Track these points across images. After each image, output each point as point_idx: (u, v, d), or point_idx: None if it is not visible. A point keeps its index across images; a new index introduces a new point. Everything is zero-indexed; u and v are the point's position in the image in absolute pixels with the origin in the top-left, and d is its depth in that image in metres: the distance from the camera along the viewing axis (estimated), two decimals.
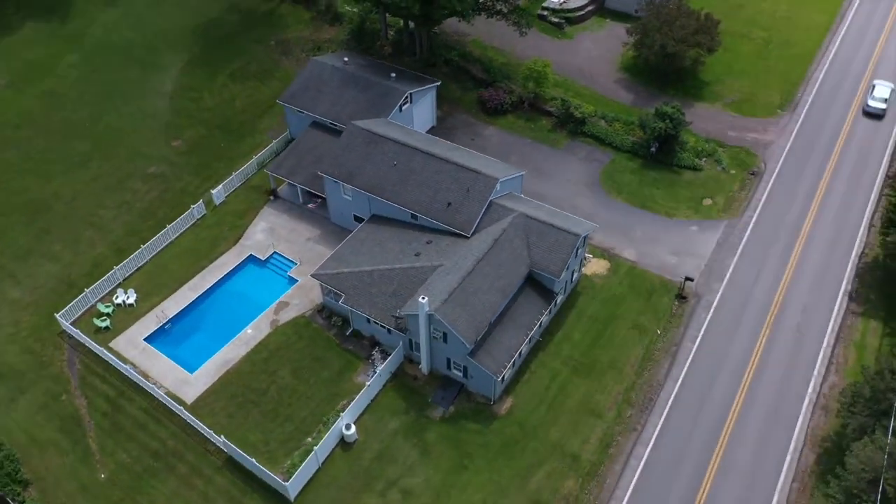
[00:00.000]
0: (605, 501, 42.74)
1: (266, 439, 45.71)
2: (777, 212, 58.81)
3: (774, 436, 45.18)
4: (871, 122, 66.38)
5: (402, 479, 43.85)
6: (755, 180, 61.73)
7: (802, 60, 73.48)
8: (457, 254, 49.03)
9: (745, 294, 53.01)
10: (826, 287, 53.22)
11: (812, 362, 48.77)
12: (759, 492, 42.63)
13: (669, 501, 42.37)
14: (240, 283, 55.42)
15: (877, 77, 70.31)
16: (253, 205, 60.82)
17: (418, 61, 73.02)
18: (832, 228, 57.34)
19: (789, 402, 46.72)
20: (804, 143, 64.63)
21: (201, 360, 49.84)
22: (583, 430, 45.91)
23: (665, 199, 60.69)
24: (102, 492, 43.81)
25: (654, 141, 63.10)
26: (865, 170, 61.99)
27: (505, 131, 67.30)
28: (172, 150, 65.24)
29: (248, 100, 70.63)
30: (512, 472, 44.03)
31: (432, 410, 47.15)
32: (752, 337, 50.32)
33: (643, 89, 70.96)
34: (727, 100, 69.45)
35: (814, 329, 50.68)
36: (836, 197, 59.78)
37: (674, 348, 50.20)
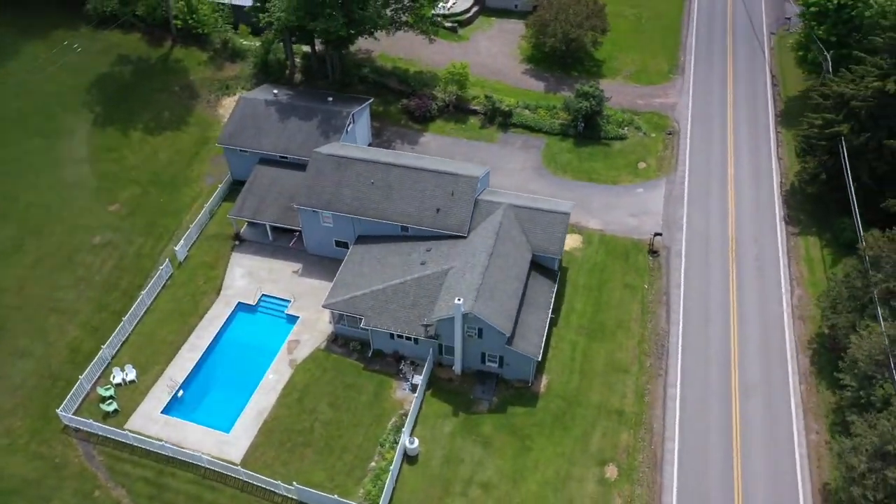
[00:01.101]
0: (658, 444, 46.86)
1: (330, 475, 45.25)
2: (702, 162, 66.07)
3: (772, 352, 51.51)
4: (750, 62, 76.12)
5: (476, 475, 45.38)
6: (674, 139, 68.87)
7: (673, 29, 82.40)
8: (462, 254, 51.02)
9: (704, 238, 59.47)
10: (764, 217, 60.94)
11: (777, 282, 55.96)
12: (777, 400, 48.62)
13: (711, 426, 47.23)
14: (238, 333, 53.74)
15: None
16: (219, 253, 58.87)
17: (333, 84, 73.52)
18: (750, 167, 65.46)
19: (773, 320, 53.38)
20: (702, 98, 72.86)
21: (233, 417, 48.09)
22: (616, 387, 49.80)
23: (606, 170, 66.18)
24: None
25: (580, 120, 68.49)
26: (757, 112, 71.08)
27: (439, 135, 69.80)
28: (112, 215, 61.34)
29: (171, 150, 67.73)
30: (571, 441, 47.00)
31: (478, 405, 48.93)
32: (723, 273, 56.71)
33: (549, 75, 76.35)
34: (625, 73, 76.64)
35: (768, 255, 58.00)
36: (743, 139, 68.05)
37: (664, 297, 55.49)
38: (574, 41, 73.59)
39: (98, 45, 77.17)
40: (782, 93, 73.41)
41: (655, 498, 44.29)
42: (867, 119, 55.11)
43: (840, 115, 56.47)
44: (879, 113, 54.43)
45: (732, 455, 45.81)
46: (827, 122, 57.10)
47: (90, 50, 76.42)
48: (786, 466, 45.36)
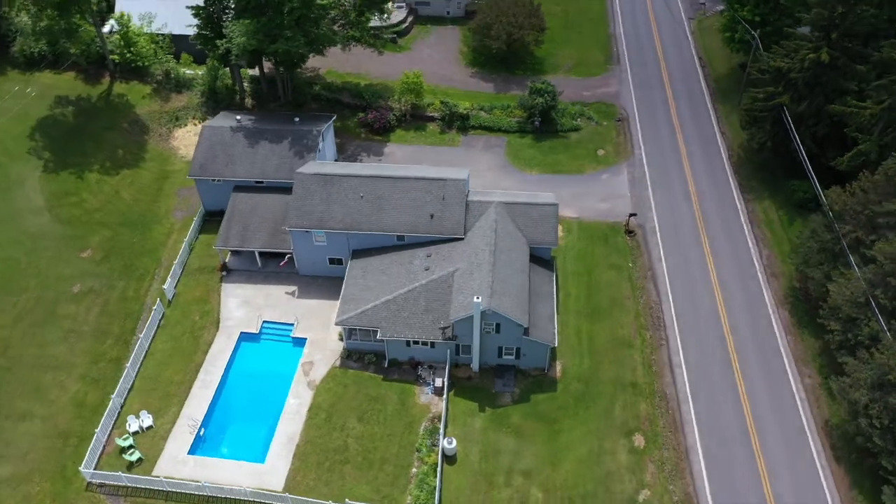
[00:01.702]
0: (674, 408, 49.90)
1: (374, 487, 45.66)
2: (655, 144, 70.23)
3: (755, 309, 55.65)
4: (678, 47, 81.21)
5: (515, 464, 46.96)
6: (624, 125, 72.88)
7: (601, 23, 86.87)
8: (463, 255, 52.46)
9: (673, 213, 63.40)
10: (721, 188, 65.52)
11: (746, 246, 60.45)
12: (769, 352, 52.73)
13: (717, 384, 50.73)
14: (248, 363, 53.08)
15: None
16: (208, 286, 57.77)
17: (285, 104, 73.32)
18: (699, 144, 70.09)
19: (749, 280, 57.66)
20: (641, 84, 77.35)
21: (264, 446, 47.61)
22: (625, 362, 52.59)
23: (569, 161, 69.25)
24: None
25: (537, 115, 71.29)
26: (693, 93, 76.11)
27: (403, 145, 70.95)
28: (86, 261, 58.93)
29: (133, 189, 65.68)
30: (596, 418, 49.35)
31: (502, 398, 50.53)
32: (697, 243, 60.69)
33: (496, 76, 78.93)
34: (565, 67, 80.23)
35: (732, 222, 62.49)
36: (686, 119, 72.74)
37: (649, 272, 58.89)
38: (517, 41, 76.49)
39: (33, 89, 73.60)
40: (712, 73, 79.00)
41: (682, 458, 47.27)
42: (804, 88, 60.48)
43: (780, 87, 61.68)
44: (815, 81, 59.86)
45: (742, 408, 49.41)
46: (769, 94, 62.22)
47: (25, 94, 72.80)
48: (790, 411, 49.36)
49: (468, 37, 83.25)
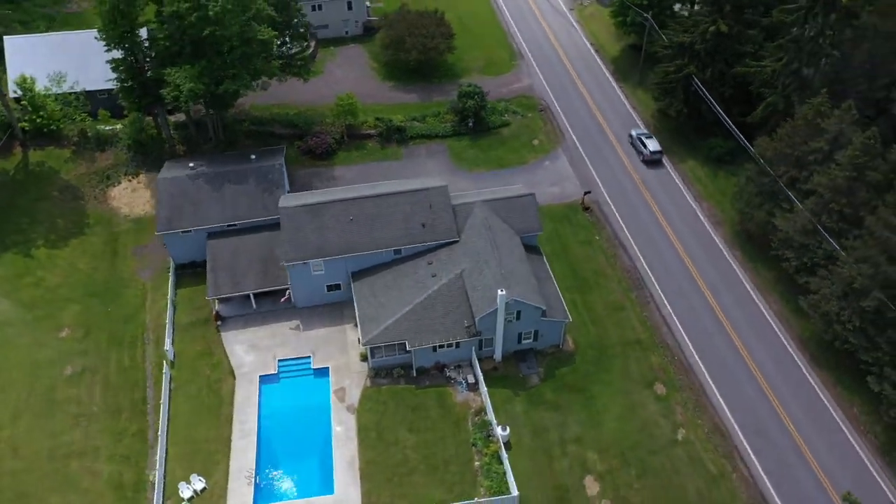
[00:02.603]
0: (679, 353, 55.55)
1: (447, 487, 47.47)
2: (580, 127, 76.25)
3: (712, 254, 62.84)
4: (570, 37, 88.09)
5: (564, 435, 50.54)
6: (547, 113, 78.43)
7: (493, 23, 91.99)
8: (464, 255, 55.12)
9: (617, 185, 69.64)
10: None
11: (686, 200, 67.82)
12: (736, 287, 60.01)
13: (707, 325, 57.16)
14: (278, 403, 52.66)
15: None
16: (208, 338, 56.38)
17: (218, 145, 71.93)
18: (618, 121, 76.85)
19: (700, 230, 64.92)
20: (550, 75, 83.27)
21: (327, 477, 47.90)
22: (624, 323, 57.73)
23: (509, 154, 73.67)
24: None
25: (470, 117, 75.04)
26: (597, 76, 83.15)
27: (349, 165, 72.08)
28: (68, 340, 55.39)
29: (87, 257, 62.21)
30: (617, 378, 54.03)
31: (530, 380, 53.89)
32: (646, 207, 67.24)
33: (415, 86, 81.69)
34: (476, 69, 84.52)
35: (668, 182, 69.70)
36: (599, 100, 79.38)
37: (616, 241, 64.58)
38: (432, 50, 79.83)
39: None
40: (606, 56, 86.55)
41: (700, 394, 53.06)
42: (707, 57, 68.75)
43: (686, 59, 69.62)
44: (715, 50, 68.23)
45: (731, 339, 56.21)
46: (679, 67, 70.01)
47: None
48: (769, 333, 56.78)
49: (376, 53, 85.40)
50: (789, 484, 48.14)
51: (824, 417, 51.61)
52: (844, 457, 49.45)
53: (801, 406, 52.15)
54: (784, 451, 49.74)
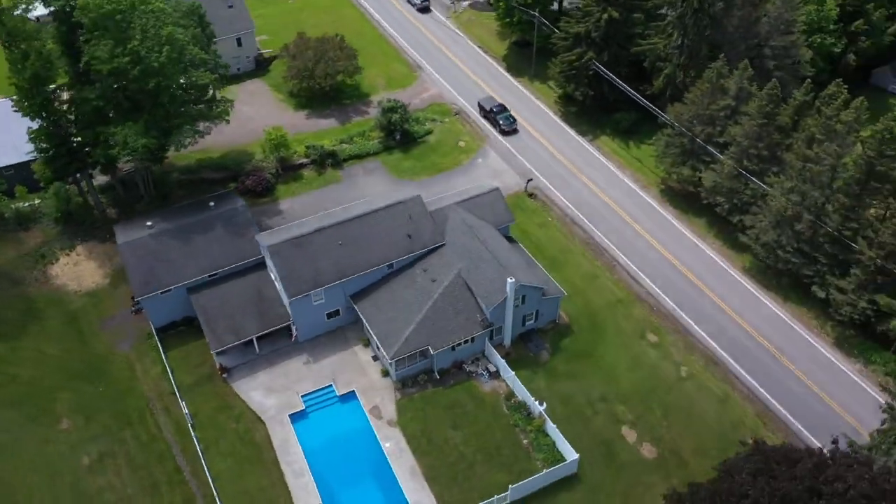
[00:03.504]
0: (655, 303, 62.01)
1: (506, 470, 50.20)
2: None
3: (650, 214, 70.29)
4: (456, 43, 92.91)
5: (589, 396, 55.04)
6: (462, 115, 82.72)
7: (380, 40, 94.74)
8: (456, 256, 57.90)
9: (550, 169, 75.44)
10: (567, 137, 79.19)
11: (611, 170, 74.93)
12: (680, 240, 67.68)
13: (667, 274, 64.13)
14: (317, 438, 52.60)
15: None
16: (219, 393, 54.97)
17: (151, 202, 69.13)
18: (529, 113, 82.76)
19: (632, 195, 72.21)
20: (453, 81, 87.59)
21: (395, 494, 49.01)
22: (602, 288, 63.35)
23: (442, 159, 77.12)
24: None
25: (396, 131, 77.55)
26: (497, 76, 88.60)
27: (294, 197, 72.09)
28: (72, 431, 51.49)
29: (53, 342, 58.11)
30: (615, 336, 59.42)
31: (541, 357, 57.86)
32: (582, 184, 73.55)
33: (330, 111, 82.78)
34: (381, 85, 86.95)
35: (591, 159, 76.53)
36: (507, 96, 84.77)
37: (567, 219, 70.21)
38: (342, 73, 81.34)
39: None
40: (495, 55, 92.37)
41: (686, 335, 59.67)
42: (602, 42, 76.39)
43: (584, 47, 76.81)
44: (608, 35, 75.96)
45: (693, 282, 63.65)
46: (579, 55, 77.03)
47: None
48: (718, 269, 64.88)
49: (279, 85, 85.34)
50: (778, 388, 55.86)
51: (786, 329, 60.21)
52: (812, 357, 58.11)
53: (766, 325, 60.40)
54: (766, 364, 57.60)
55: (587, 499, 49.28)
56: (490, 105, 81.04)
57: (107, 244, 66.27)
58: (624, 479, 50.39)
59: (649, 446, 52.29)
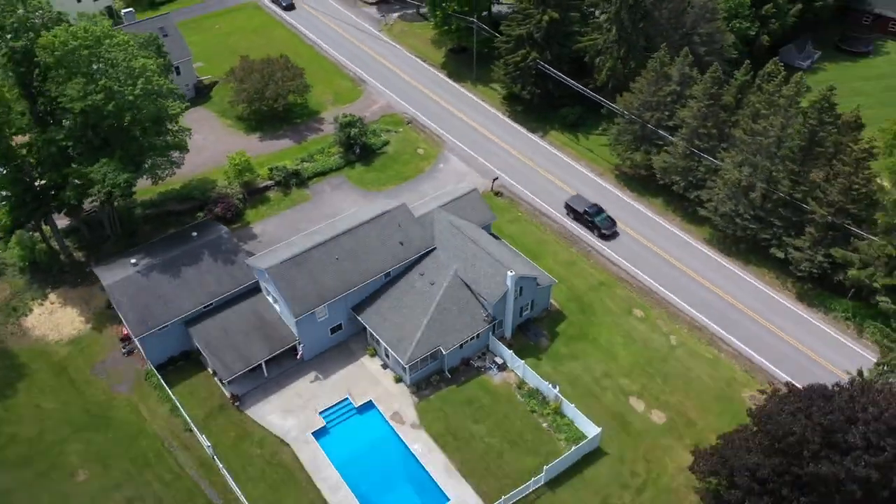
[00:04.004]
0: (634, 280, 65.96)
1: (534, 453, 52.41)
2: (453, 128, 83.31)
3: (613, 199, 74.25)
4: (395, 55, 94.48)
5: (594, 374, 58.09)
6: (416, 123, 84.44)
7: (317, 58, 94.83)
8: (449, 257, 59.63)
9: (510, 167, 78.30)
10: (521, 137, 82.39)
11: (567, 162, 78.78)
12: (639, 217, 72.20)
13: (636, 251, 68.37)
14: (345, 451, 53.07)
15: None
16: (235, 421, 54.57)
17: (119, 240, 67.12)
18: (478, 116, 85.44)
19: (591, 182, 76.19)
20: (399, 91, 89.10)
21: (435, 493, 50.31)
22: (583, 273, 66.68)
23: (404, 167, 78.61)
24: None
25: (356, 145, 78.39)
26: (440, 83, 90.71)
27: (266, 220, 71.74)
28: (91, 482, 49.58)
29: (48, 396, 56.02)
30: (604, 316, 62.78)
31: (541, 344, 60.48)
32: (544, 179, 76.87)
33: (283, 131, 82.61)
34: (329, 101, 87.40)
35: (548, 154, 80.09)
36: (453, 102, 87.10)
37: (536, 211, 73.30)
38: (292, 93, 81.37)
39: None
40: (434, 63, 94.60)
41: (668, 306, 63.86)
42: (543, 42, 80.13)
43: (528, 48, 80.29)
44: (549, 35, 79.78)
45: (663, 256, 68.02)
46: (523, 56, 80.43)
47: None
48: (683, 244, 69.53)
49: (224, 110, 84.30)
50: (757, 344, 60.79)
51: (753, 290, 65.49)
52: (780, 312, 63.47)
53: (735, 288, 65.48)
54: (742, 324, 62.52)
55: (614, 467, 52.27)
56: (583, 207, 71.25)
57: (80, 288, 64.00)
58: (642, 444, 53.70)
59: (658, 412, 55.88)
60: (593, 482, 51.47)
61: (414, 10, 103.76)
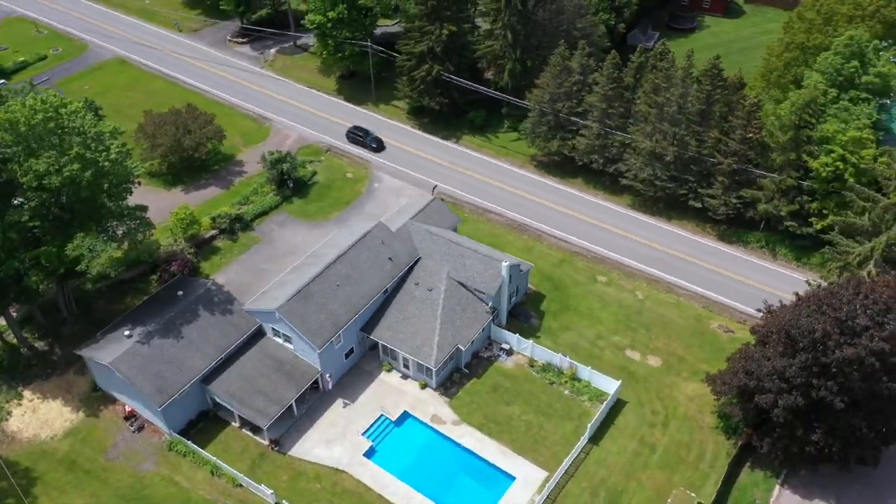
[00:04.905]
0: (587, 251, 73.07)
1: (569, 419, 57.31)
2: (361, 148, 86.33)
3: (540, 186, 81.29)
4: (284, 88, 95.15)
5: (588, 338, 64.25)
6: (334, 151, 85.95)
7: (211, 103, 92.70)
8: (437, 262, 62.85)
9: (433, 172, 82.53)
10: (440, 146, 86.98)
11: (489, 161, 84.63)
12: (569, 196, 79.81)
13: (579, 228, 75.79)
14: (402, 463, 54.75)
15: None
16: (282, 464, 54.41)
17: (77, 321, 63.14)
18: (390, 132, 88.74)
19: (517, 176, 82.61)
20: (304, 122, 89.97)
21: (498, 475, 53.73)
22: (543, 255, 72.71)
23: (341, 193, 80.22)
24: None
25: (289, 180, 78.66)
26: (338, 107, 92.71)
27: (224, 269, 70.27)
28: None
29: (70, 495, 51.86)
30: (575, 286, 69.30)
31: (533, 324, 65.60)
32: (480, 181, 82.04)
33: (205, 180, 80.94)
34: (240, 143, 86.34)
35: (473, 158, 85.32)
36: (363, 123, 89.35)
37: (479, 209, 78.30)
38: (211, 140, 79.77)
39: None
40: (328, 91, 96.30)
41: (623, 267, 71.69)
42: (444, 55, 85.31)
43: (430, 62, 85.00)
44: (448, 48, 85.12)
45: (601, 227, 75.93)
46: (427, 70, 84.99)
47: None
48: (615, 213, 78.00)
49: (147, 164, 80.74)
50: (705, 282, 70.22)
51: (682, 239, 75.15)
52: (709, 253, 73.48)
53: (668, 241, 74.74)
54: (685, 269, 71.75)
55: (637, 412, 58.64)
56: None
57: (54, 379, 59.66)
58: (651, 387, 60.59)
59: (652, 357, 63.17)
60: (626, 428, 57.54)
61: (290, 42, 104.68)
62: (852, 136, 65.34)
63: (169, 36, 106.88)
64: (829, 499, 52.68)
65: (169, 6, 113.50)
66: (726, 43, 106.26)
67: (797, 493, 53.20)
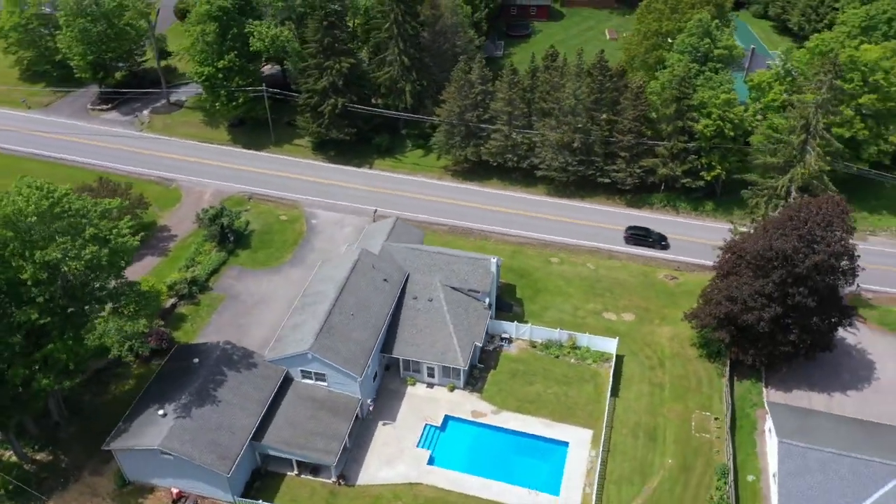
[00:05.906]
0: (532, 239, 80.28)
1: (587, 383, 63.81)
2: (289, 189, 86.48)
3: (461, 192, 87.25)
4: (173, 146, 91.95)
5: (568, 311, 71.38)
6: (256, 197, 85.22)
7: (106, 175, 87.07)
8: (425, 274, 66.43)
9: (364, 199, 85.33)
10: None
11: (404, 179, 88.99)
12: (493, 198, 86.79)
13: (511, 218, 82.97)
14: (465, 461, 57.72)
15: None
16: (358, 496, 55.05)
17: (70, 422, 58.68)
18: (298, 169, 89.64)
19: (433, 187, 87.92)
20: (207, 175, 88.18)
21: (552, 443, 58.76)
22: (495, 250, 78.28)
23: (284, 235, 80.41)
24: None
25: (230, 234, 77.18)
26: (234, 156, 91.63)
27: (203, 330, 68.31)
28: None
29: None
30: (536, 272, 76.31)
31: (516, 310, 71.41)
32: (402, 197, 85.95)
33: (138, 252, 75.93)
34: (157, 209, 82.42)
35: (392, 178, 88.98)
36: (265, 167, 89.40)
37: (422, 223, 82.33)
38: (138, 210, 75.95)
39: None
40: (226, 140, 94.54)
41: (563, 244, 79.83)
42: (345, 88, 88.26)
43: (329, 95, 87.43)
44: (347, 81, 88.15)
45: (531, 216, 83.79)
46: (332, 105, 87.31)
47: None
48: (528, 200, 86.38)
49: None
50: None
51: (598, 212, 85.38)
52: (625, 219, 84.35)
53: (588, 216, 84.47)
54: (612, 236, 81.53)
55: (635, 360, 66.62)
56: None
57: (73, 486, 55.10)
58: (637, 337, 69.12)
59: (626, 314, 71.89)
60: (633, 377, 65.34)
61: (163, 101, 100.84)
62: (725, 99, 79.30)
63: (20, 115, 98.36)
64: (803, 385, 64.41)
65: (5, 83, 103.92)
66: (560, 42, 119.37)
67: (780, 388, 64.29)
